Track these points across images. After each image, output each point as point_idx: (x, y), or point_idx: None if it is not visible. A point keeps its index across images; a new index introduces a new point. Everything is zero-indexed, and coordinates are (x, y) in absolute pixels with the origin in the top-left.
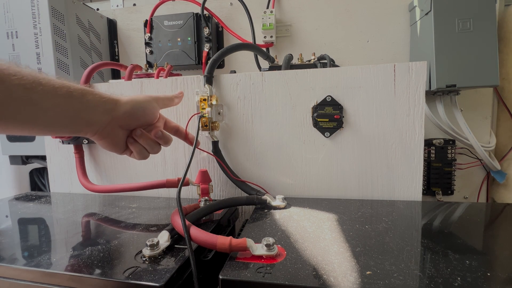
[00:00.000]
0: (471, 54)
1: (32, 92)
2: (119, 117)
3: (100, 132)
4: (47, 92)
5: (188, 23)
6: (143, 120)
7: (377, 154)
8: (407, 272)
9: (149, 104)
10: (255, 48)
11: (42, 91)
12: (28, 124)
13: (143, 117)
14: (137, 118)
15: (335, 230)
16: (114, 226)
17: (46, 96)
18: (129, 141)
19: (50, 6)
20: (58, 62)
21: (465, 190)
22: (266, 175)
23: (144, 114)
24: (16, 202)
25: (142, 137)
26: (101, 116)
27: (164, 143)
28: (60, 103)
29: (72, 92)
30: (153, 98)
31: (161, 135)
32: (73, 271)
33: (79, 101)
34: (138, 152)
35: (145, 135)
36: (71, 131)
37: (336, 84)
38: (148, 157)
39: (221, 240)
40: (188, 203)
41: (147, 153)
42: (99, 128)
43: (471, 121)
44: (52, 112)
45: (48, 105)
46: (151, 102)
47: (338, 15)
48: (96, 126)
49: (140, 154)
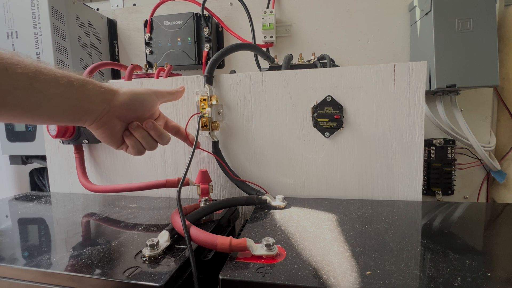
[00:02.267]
0: (471, 54)
1: (35, 81)
2: (117, 107)
3: (97, 121)
4: (49, 81)
5: (188, 23)
6: (141, 112)
7: (377, 154)
8: (407, 272)
9: (148, 97)
10: (255, 48)
11: (44, 80)
12: (31, 112)
13: (141, 109)
14: (135, 109)
15: (335, 230)
16: (114, 226)
17: (48, 85)
18: (125, 134)
19: (50, 6)
20: (58, 62)
21: (465, 190)
22: (266, 175)
23: (142, 106)
24: (16, 202)
25: (137, 130)
26: (99, 105)
27: (157, 137)
28: (62, 92)
29: (73, 82)
30: (152, 91)
31: (151, 126)
32: (73, 271)
33: (79, 90)
34: (133, 146)
35: (140, 128)
36: (72, 120)
37: (336, 84)
38: (144, 153)
39: (221, 240)
40: (188, 203)
41: (142, 148)
42: (97, 117)
43: (471, 121)
44: (54, 101)
45: (51, 94)
46: (150, 95)
47: (338, 15)
48: (94, 114)
49: (134, 148)
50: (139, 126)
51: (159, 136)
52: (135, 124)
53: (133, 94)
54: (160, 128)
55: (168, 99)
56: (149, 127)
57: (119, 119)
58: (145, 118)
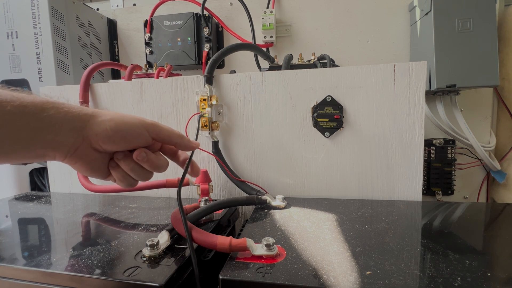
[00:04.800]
0: (471, 54)
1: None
2: (92, 137)
3: (71, 156)
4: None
5: (188, 23)
6: (124, 146)
7: (377, 154)
8: (407, 272)
9: (134, 131)
10: (255, 48)
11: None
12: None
13: (123, 142)
14: (116, 141)
15: (335, 230)
16: (114, 226)
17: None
18: (111, 165)
19: (50, 6)
20: (58, 62)
21: (465, 190)
22: (266, 175)
23: (124, 139)
24: (16, 202)
25: (124, 162)
26: (67, 136)
27: (152, 168)
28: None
29: (26, 107)
30: (144, 124)
31: (144, 158)
32: (73, 271)
33: (36, 117)
34: (121, 179)
35: (128, 159)
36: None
37: (336, 84)
38: (136, 185)
39: (221, 240)
40: (188, 203)
41: (133, 181)
42: (68, 151)
43: (471, 121)
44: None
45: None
46: (138, 127)
47: (338, 15)
48: (63, 148)
49: (123, 182)
50: (128, 157)
51: (154, 167)
52: (121, 154)
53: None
54: (155, 160)
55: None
56: (142, 159)
57: (97, 151)
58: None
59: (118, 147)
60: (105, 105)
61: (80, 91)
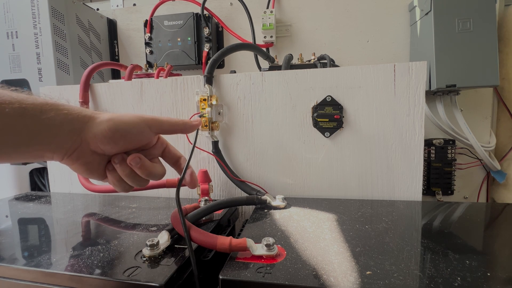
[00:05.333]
0: (471, 54)
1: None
2: (91, 139)
3: (69, 157)
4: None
5: (188, 23)
6: (124, 146)
7: (377, 154)
8: (407, 272)
9: (135, 128)
10: (255, 48)
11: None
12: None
13: (122, 142)
14: (115, 142)
15: (335, 230)
16: (114, 226)
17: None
18: (107, 167)
19: (50, 6)
20: (58, 62)
21: (465, 190)
22: (266, 175)
23: (124, 138)
24: (16, 202)
25: (120, 166)
26: (66, 138)
27: (146, 175)
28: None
29: (25, 109)
30: (144, 120)
31: (138, 164)
32: (73, 271)
33: (35, 119)
34: (115, 184)
35: (124, 163)
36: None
37: (336, 84)
38: (131, 190)
39: (221, 240)
40: (188, 203)
41: (128, 186)
42: (66, 152)
43: (471, 121)
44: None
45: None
46: (139, 124)
47: (338, 15)
48: (61, 150)
49: (118, 186)
50: (124, 161)
51: (148, 175)
52: (119, 157)
53: (115, 124)
54: (149, 166)
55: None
56: (135, 164)
57: (96, 153)
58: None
59: (119, 147)
60: (105, 105)
61: (80, 91)
